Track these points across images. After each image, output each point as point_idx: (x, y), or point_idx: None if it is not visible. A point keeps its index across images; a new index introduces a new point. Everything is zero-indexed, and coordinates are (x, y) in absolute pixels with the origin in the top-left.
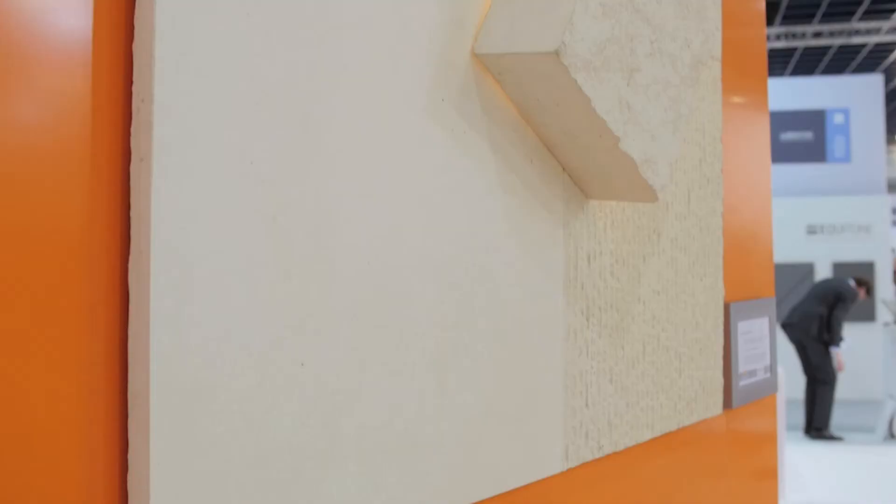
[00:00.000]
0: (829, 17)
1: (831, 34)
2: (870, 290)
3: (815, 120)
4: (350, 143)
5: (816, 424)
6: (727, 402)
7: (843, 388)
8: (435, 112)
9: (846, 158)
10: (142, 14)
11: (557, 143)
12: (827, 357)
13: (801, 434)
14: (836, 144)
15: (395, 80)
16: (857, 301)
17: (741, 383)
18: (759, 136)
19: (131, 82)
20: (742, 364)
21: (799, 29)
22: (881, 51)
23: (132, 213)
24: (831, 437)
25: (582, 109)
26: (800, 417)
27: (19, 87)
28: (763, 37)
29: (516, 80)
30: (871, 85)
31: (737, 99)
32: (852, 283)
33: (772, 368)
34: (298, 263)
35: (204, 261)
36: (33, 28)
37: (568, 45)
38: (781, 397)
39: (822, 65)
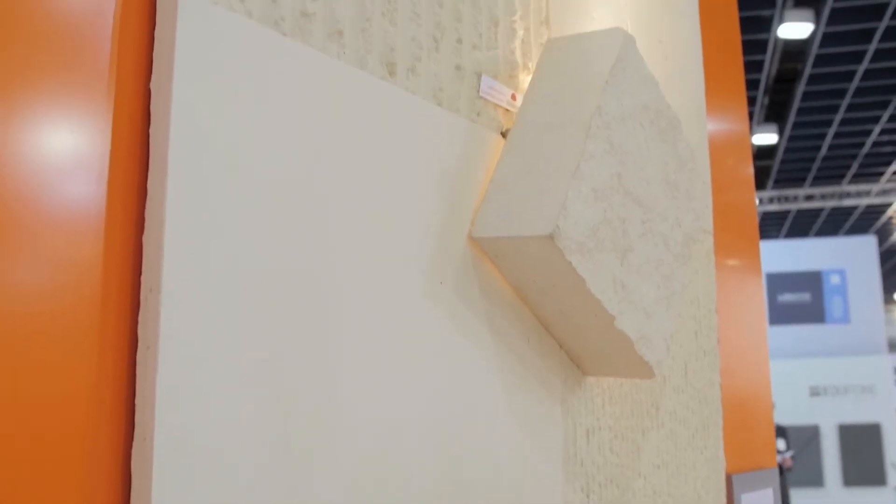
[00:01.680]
0: (819, 180)
1: (823, 197)
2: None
3: (811, 281)
4: (351, 331)
5: None
6: None
7: None
8: (434, 295)
9: (845, 319)
10: (152, 207)
11: (554, 322)
12: None
13: None
14: (834, 305)
15: (394, 265)
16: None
17: None
18: (754, 300)
19: (140, 270)
20: None
21: (791, 192)
22: (873, 212)
23: (137, 400)
24: None
25: (577, 290)
26: None
27: (29, 277)
28: (753, 201)
29: (512, 262)
30: (866, 246)
31: (730, 263)
32: None
33: None
34: (299, 450)
35: (206, 451)
36: (46, 223)
37: (562, 229)
38: None
39: (816, 226)
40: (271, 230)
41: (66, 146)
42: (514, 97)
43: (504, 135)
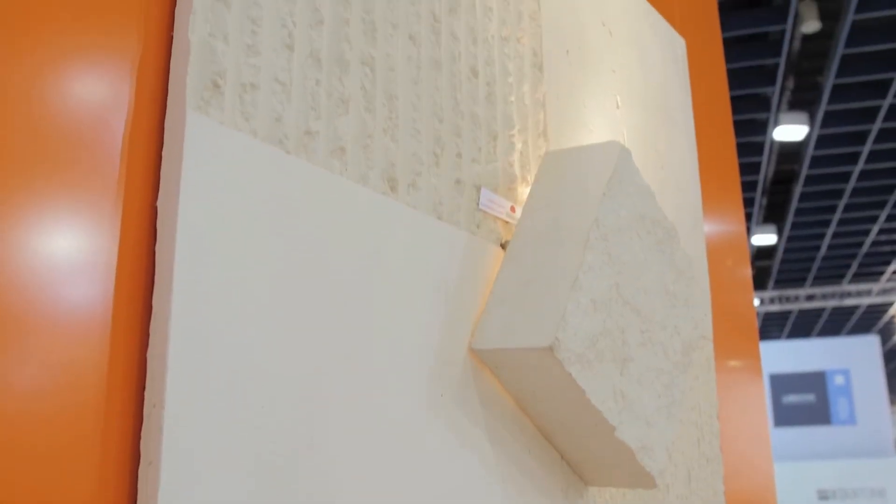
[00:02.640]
0: (820, 280)
1: (824, 297)
2: None
3: (816, 382)
4: (352, 444)
5: None
6: None
7: None
8: (434, 407)
9: (851, 420)
10: (157, 324)
11: (555, 433)
12: None
13: None
14: (839, 406)
15: (395, 377)
16: None
17: None
18: (756, 404)
19: (144, 385)
20: None
21: (792, 292)
22: (875, 312)
23: None
24: None
25: (577, 400)
26: None
27: (35, 387)
28: (752, 303)
29: (513, 373)
30: (869, 346)
31: (731, 367)
32: None
33: None
34: None
35: None
36: (49, 336)
37: (561, 341)
38: None
39: (818, 326)
40: (273, 345)
41: (75, 262)
42: (513, 209)
43: (503, 246)
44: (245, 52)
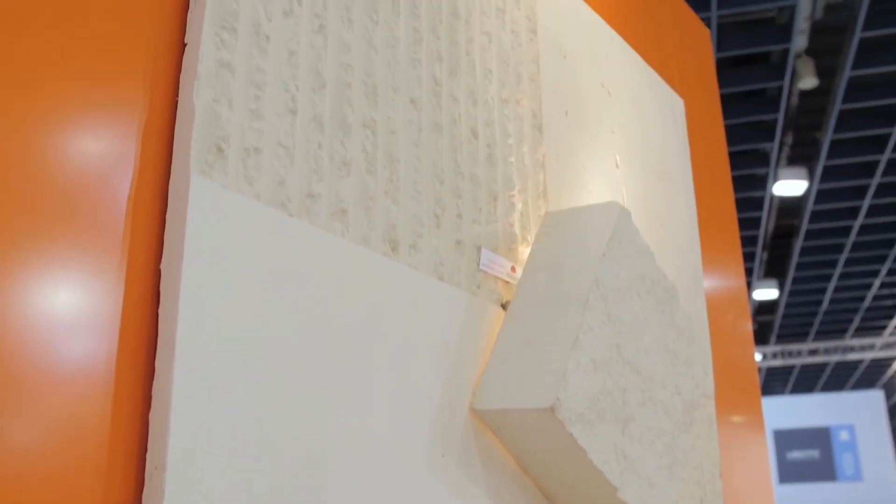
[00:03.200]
0: (822, 334)
1: (826, 351)
2: None
3: (820, 438)
4: (354, 501)
5: None
6: None
7: None
8: (435, 468)
9: (857, 476)
10: (159, 386)
11: (557, 493)
12: None
13: None
14: (844, 462)
15: (396, 438)
16: None
17: None
18: (759, 461)
19: (145, 448)
20: None
21: (794, 347)
22: (878, 366)
23: None
24: None
25: (579, 461)
26: None
27: (38, 449)
28: (753, 357)
29: (514, 433)
30: (873, 400)
31: (733, 423)
32: None
33: None
34: None
35: None
36: (54, 399)
37: (562, 401)
38: None
39: (822, 381)
40: (275, 407)
41: (78, 324)
42: (513, 269)
43: (504, 307)
44: (249, 117)
